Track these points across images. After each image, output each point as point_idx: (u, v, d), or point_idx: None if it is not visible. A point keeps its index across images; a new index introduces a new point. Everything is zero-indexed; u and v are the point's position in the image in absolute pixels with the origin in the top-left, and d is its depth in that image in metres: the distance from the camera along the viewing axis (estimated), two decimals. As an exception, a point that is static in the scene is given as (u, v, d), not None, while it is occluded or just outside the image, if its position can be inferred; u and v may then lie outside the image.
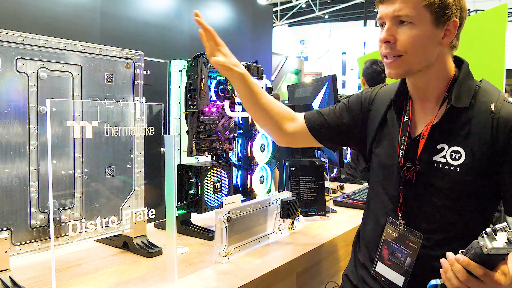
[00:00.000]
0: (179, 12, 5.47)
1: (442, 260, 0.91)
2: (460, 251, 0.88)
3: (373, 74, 2.99)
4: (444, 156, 1.05)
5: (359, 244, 1.31)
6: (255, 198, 1.67)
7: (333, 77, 1.97)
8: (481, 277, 0.84)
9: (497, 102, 1.03)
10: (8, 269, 1.00)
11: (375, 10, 1.12)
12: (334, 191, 2.28)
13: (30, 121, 1.06)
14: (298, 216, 1.55)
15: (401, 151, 1.11)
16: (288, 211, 1.46)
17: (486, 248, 0.80)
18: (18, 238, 1.05)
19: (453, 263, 0.87)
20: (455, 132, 1.05)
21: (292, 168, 1.73)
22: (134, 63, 1.30)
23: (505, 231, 0.80)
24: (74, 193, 1.15)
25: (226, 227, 1.23)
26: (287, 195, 1.51)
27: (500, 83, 2.88)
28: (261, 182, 1.76)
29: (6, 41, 1.01)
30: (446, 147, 1.05)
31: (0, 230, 1.01)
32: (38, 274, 1.11)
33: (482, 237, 0.82)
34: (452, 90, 1.06)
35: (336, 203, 1.99)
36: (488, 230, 0.81)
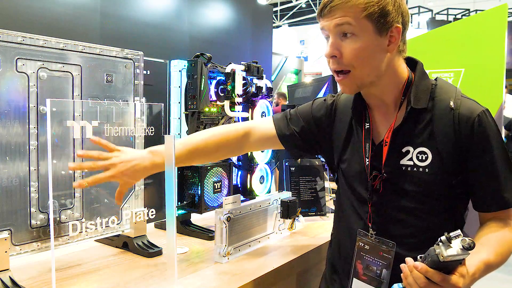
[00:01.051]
0: (179, 12, 5.47)
1: (402, 266, 0.90)
2: (418, 257, 0.89)
3: None
4: (411, 159, 1.04)
5: (331, 263, 1.25)
6: (255, 198, 1.67)
7: (333, 77, 1.97)
8: (440, 282, 0.85)
9: (455, 99, 1.02)
10: (8, 269, 1.00)
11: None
12: (334, 191, 2.27)
13: (30, 121, 1.06)
14: (298, 216, 1.55)
15: (367, 159, 1.09)
16: (288, 211, 1.46)
17: (442, 256, 0.82)
18: (18, 238, 1.05)
19: (412, 269, 0.87)
20: (418, 134, 1.04)
21: (292, 168, 1.73)
22: (134, 63, 1.30)
23: (459, 238, 0.81)
24: (74, 193, 1.15)
25: (226, 227, 1.23)
26: (287, 195, 1.51)
27: (500, 83, 2.88)
28: (261, 182, 1.76)
29: (6, 41, 1.01)
30: (411, 149, 1.04)
31: (0, 230, 1.01)
32: (38, 274, 1.11)
33: (438, 244, 0.83)
34: (409, 93, 1.06)
35: (336, 203, 1.99)
36: (443, 238, 0.82)
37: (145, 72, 1.34)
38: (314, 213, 1.72)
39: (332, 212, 1.80)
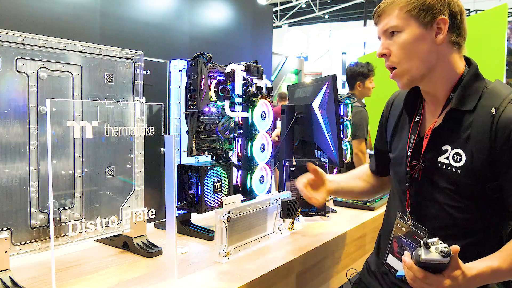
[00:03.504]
0: (179, 12, 5.46)
1: (402, 257, 0.99)
2: (411, 253, 0.97)
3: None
4: (448, 158, 1.08)
5: (380, 235, 1.37)
6: (255, 198, 1.67)
7: (333, 77, 1.97)
8: (422, 279, 0.92)
9: (500, 105, 1.02)
10: (8, 269, 1.00)
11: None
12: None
13: (30, 121, 1.06)
14: (298, 216, 1.55)
15: (409, 150, 1.16)
16: (288, 211, 1.46)
17: (422, 258, 0.90)
18: (18, 238, 1.05)
19: (404, 262, 0.96)
20: (458, 135, 1.06)
21: (292, 168, 1.73)
22: (134, 63, 1.30)
23: (435, 246, 0.90)
24: (74, 193, 1.15)
25: (226, 227, 1.23)
26: (287, 195, 1.51)
27: (500, 83, 2.88)
28: (261, 182, 1.76)
29: (6, 41, 1.01)
30: (449, 148, 1.08)
31: (0, 230, 1.01)
32: (38, 274, 1.11)
33: (420, 246, 0.92)
34: (455, 92, 1.07)
35: (336, 203, 1.99)
36: (422, 242, 0.91)
37: (145, 72, 1.34)
38: (314, 213, 1.72)
39: (332, 212, 1.81)
